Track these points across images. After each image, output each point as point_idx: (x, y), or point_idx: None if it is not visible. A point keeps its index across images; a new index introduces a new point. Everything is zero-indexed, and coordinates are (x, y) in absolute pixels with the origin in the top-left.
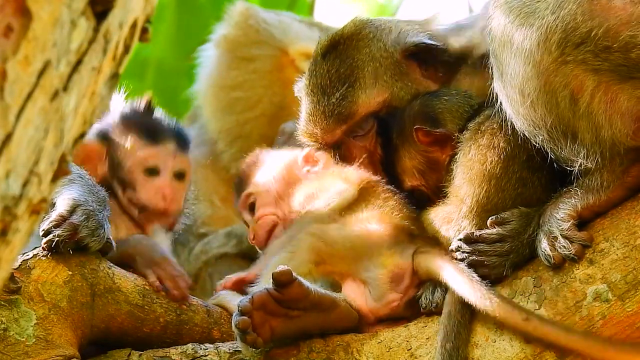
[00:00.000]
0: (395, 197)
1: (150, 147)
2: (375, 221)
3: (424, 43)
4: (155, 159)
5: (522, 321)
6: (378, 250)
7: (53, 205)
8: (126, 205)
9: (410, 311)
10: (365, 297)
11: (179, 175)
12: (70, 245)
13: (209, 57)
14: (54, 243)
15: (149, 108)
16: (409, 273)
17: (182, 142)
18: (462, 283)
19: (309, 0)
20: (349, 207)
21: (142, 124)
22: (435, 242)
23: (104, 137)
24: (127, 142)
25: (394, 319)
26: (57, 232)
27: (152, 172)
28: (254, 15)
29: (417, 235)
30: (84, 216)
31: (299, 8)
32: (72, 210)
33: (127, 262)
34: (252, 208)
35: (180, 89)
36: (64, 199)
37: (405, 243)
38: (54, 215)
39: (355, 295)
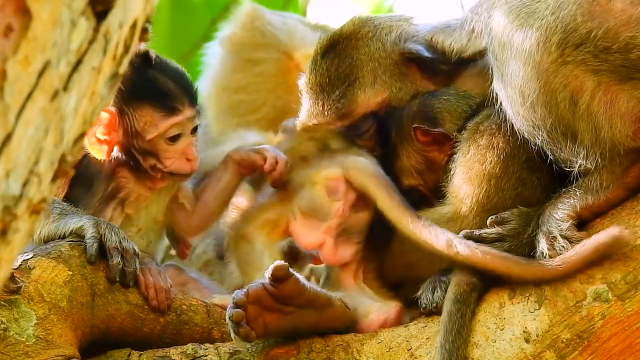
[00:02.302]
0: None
1: (171, 117)
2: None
3: (420, 55)
4: (177, 128)
5: (446, 246)
6: (306, 176)
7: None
8: (149, 169)
9: (361, 214)
10: (314, 226)
11: (194, 130)
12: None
13: (213, 55)
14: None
15: (148, 62)
16: (342, 180)
17: (194, 98)
18: (388, 201)
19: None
20: None
21: (154, 90)
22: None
23: (114, 104)
24: (143, 112)
25: (349, 233)
26: (129, 269)
27: (174, 138)
28: (260, 17)
29: (339, 148)
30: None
31: (293, 7)
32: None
33: None
34: None
35: None
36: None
37: (328, 158)
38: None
39: (305, 231)
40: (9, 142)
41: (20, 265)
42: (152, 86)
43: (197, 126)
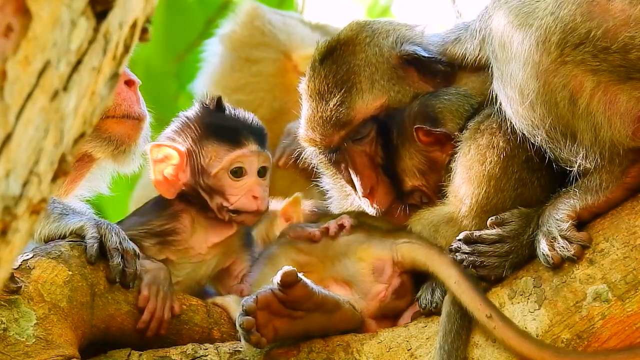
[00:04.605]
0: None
1: (234, 150)
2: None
3: (418, 54)
4: (241, 162)
5: (486, 318)
6: (352, 247)
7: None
8: (217, 211)
9: (400, 301)
10: (353, 299)
11: (262, 172)
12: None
13: (213, 52)
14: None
15: (220, 107)
16: (389, 263)
17: (262, 138)
18: (446, 272)
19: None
20: None
21: (220, 127)
22: (412, 232)
23: (182, 145)
24: (209, 148)
25: (389, 317)
26: (130, 270)
27: (239, 174)
28: (260, 16)
29: (392, 229)
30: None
31: (288, 5)
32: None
33: None
34: None
35: (168, 90)
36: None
37: (379, 237)
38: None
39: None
40: (9, 142)
41: (20, 265)
42: (219, 124)
43: (265, 168)
